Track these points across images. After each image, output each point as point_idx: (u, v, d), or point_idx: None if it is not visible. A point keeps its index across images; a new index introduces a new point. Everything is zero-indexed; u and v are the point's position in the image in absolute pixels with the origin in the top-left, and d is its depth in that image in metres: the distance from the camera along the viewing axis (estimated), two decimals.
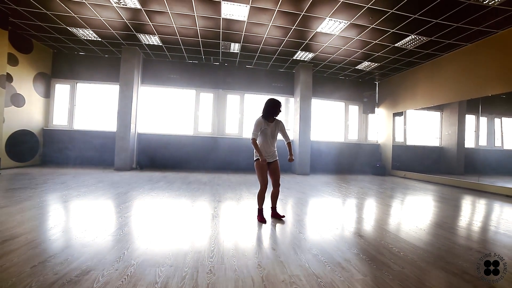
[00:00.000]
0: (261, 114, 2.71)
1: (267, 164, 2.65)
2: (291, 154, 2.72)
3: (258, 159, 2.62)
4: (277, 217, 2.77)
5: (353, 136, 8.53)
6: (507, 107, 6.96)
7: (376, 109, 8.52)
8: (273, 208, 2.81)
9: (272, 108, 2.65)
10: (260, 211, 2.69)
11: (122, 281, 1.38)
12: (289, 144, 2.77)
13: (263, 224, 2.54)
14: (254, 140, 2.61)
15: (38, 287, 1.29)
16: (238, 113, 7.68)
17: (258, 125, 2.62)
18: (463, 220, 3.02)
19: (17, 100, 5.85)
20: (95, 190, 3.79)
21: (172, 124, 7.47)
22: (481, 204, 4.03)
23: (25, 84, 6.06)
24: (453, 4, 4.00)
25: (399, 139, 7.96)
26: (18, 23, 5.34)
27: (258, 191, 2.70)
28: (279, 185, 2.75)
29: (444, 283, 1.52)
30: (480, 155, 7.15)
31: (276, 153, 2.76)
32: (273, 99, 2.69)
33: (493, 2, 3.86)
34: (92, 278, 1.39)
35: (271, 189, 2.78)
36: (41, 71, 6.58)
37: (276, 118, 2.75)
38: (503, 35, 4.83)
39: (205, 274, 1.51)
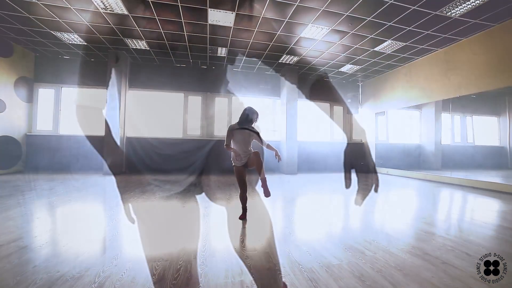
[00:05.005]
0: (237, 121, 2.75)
1: (242, 168, 2.74)
2: (276, 151, 2.68)
3: (235, 165, 2.74)
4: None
5: (338, 136, 8.89)
6: (476, 106, 7.61)
7: (359, 109, 8.93)
8: (263, 179, 2.61)
9: (245, 117, 2.70)
10: (244, 209, 2.83)
11: (122, 274, 1.51)
12: (268, 146, 2.76)
13: (251, 221, 2.71)
14: (227, 147, 2.67)
15: (44, 283, 1.39)
16: (226, 116, 7.82)
17: (228, 135, 2.68)
18: (432, 211, 3.33)
19: None
20: (86, 195, 3.83)
21: (161, 127, 7.50)
22: (451, 196, 4.41)
23: (5, 89, 5.91)
24: (421, 15, 4.36)
25: (382, 137, 8.39)
26: None
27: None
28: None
29: (407, 263, 1.76)
30: (455, 151, 7.70)
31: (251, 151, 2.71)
32: (249, 108, 2.72)
33: (454, 14, 4.27)
34: (94, 273, 1.51)
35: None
36: (23, 75, 6.43)
37: (252, 126, 2.75)
38: (465, 42, 5.30)
39: (198, 266, 1.67)
